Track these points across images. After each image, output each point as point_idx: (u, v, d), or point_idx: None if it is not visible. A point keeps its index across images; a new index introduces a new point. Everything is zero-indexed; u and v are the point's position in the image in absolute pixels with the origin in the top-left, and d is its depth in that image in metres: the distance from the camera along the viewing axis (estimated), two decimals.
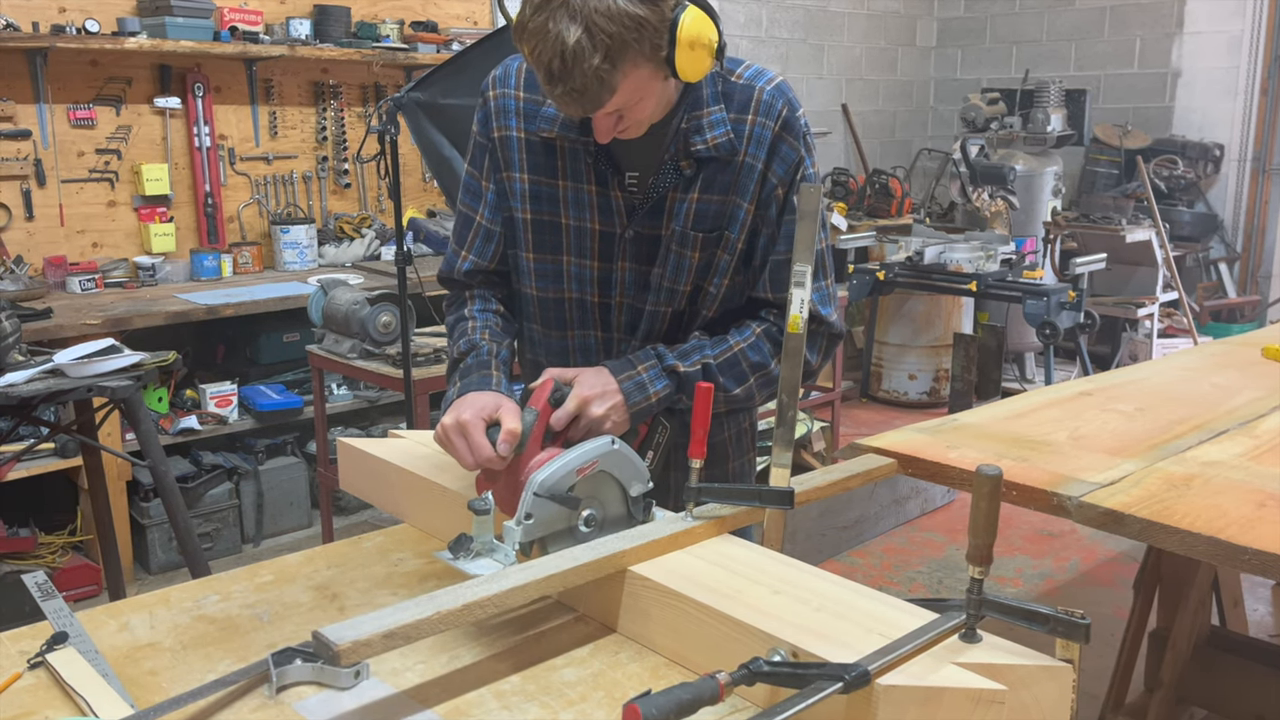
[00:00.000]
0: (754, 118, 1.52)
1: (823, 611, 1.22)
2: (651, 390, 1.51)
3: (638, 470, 1.43)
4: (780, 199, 1.55)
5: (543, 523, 1.35)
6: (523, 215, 1.58)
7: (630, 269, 1.57)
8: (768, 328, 1.60)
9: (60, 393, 2.65)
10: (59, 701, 1.19)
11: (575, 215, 1.56)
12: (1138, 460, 2.21)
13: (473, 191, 1.64)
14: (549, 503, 1.34)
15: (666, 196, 1.54)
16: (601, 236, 1.56)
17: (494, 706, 1.18)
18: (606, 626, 1.36)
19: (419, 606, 1.16)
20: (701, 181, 1.52)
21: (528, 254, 1.61)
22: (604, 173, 1.54)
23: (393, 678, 1.24)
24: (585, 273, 1.58)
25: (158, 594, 1.49)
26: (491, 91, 1.60)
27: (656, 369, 1.52)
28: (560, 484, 1.35)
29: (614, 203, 1.54)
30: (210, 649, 1.31)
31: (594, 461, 1.38)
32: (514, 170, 1.58)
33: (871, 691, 1.05)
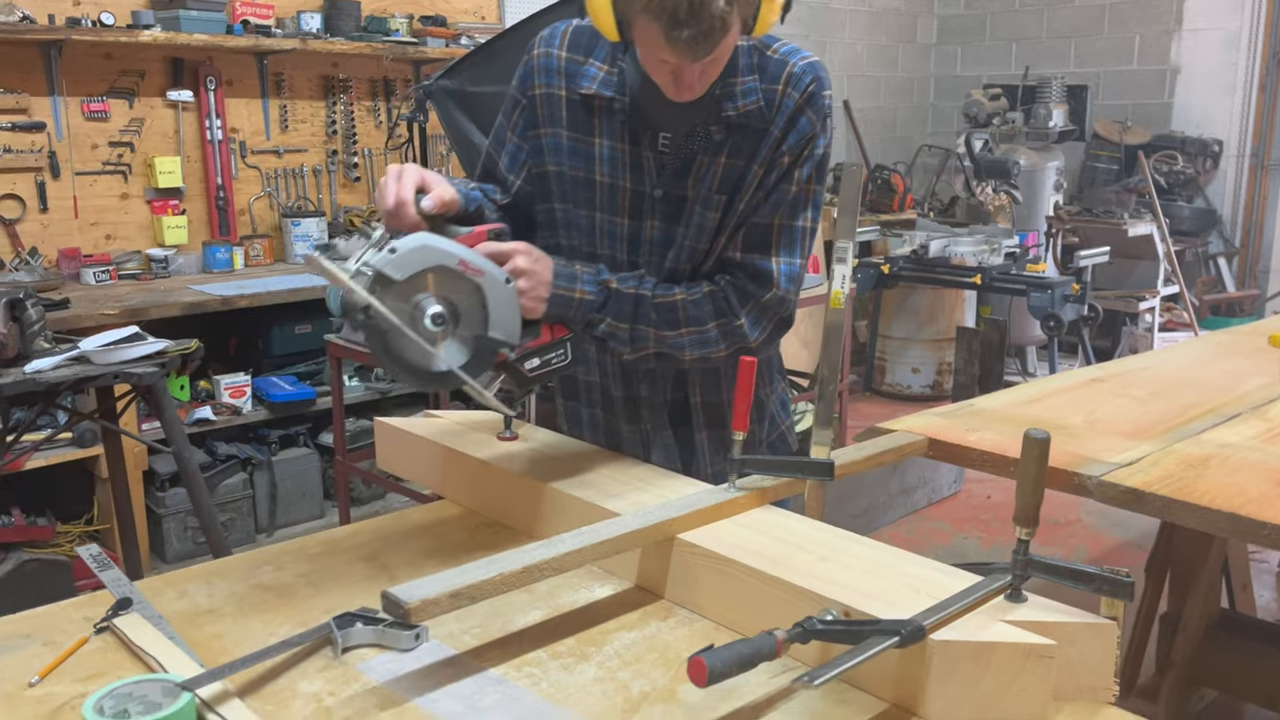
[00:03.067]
0: (784, 89, 1.55)
1: (870, 575, 1.26)
2: (578, 287, 1.52)
3: (509, 325, 1.39)
4: (784, 167, 1.57)
5: (401, 267, 1.29)
6: (558, 170, 1.62)
7: (658, 227, 1.60)
8: (715, 291, 1.59)
9: (87, 379, 2.68)
10: (127, 663, 1.22)
11: (609, 172, 1.59)
12: (1154, 442, 2.25)
13: (499, 139, 1.69)
14: (414, 258, 1.30)
15: (695, 159, 1.57)
16: (632, 194, 1.59)
17: (552, 666, 1.22)
18: (654, 594, 1.39)
19: (482, 569, 1.20)
20: (730, 146, 1.56)
21: (564, 207, 1.64)
22: (638, 132, 1.58)
23: (450, 640, 1.27)
24: (616, 229, 1.62)
25: (211, 564, 1.52)
26: (536, 50, 1.63)
27: (593, 278, 1.54)
28: (442, 255, 1.32)
29: (645, 162, 1.57)
30: (269, 615, 1.34)
31: (481, 271, 1.35)
32: (554, 126, 1.61)
33: (925, 647, 1.09)
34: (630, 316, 1.55)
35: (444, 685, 1.18)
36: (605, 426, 1.77)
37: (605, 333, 1.56)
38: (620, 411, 1.75)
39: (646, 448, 1.74)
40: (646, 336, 1.57)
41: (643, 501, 1.46)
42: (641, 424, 1.74)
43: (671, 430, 1.72)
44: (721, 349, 1.58)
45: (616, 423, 1.75)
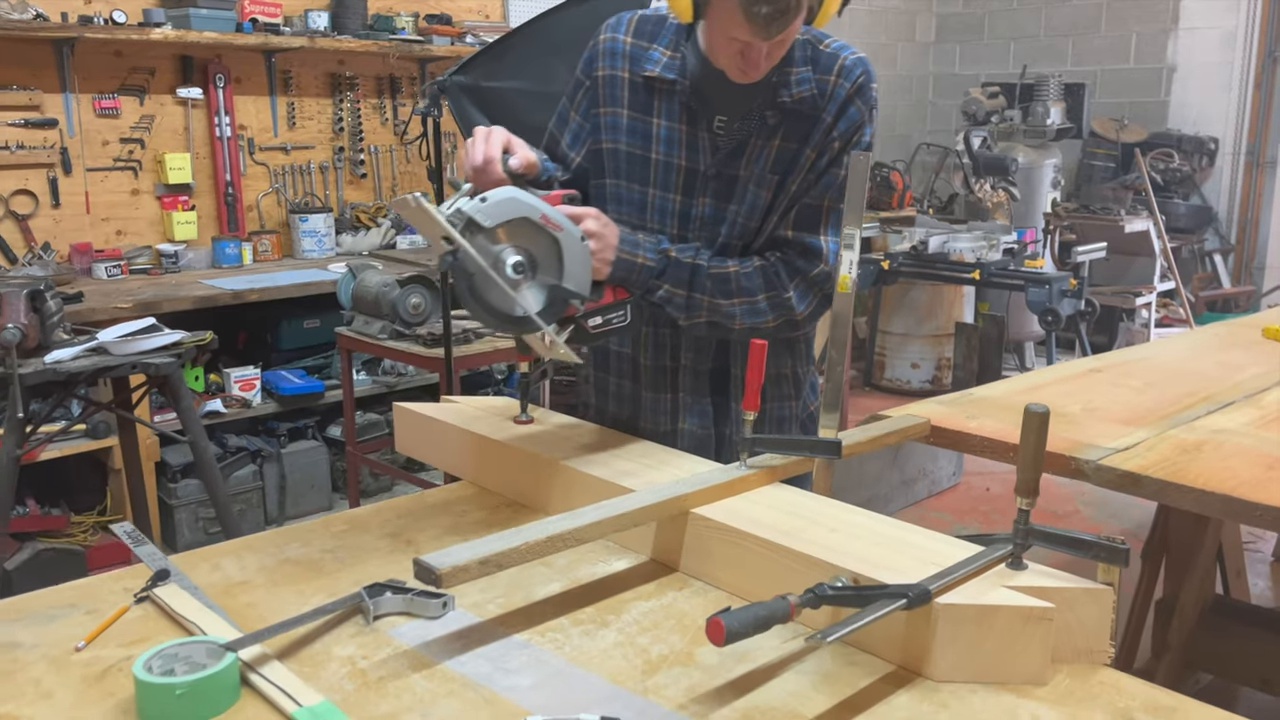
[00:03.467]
0: (836, 79, 1.65)
1: (877, 546, 1.31)
2: (640, 253, 1.62)
3: (582, 279, 1.49)
4: (834, 151, 1.67)
5: (491, 215, 1.39)
6: (617, 147, 1.72)
7: (709, 204, 1.70)
8: (766, 265, 1.70)
9: (106, 369, 2.74)
10: (168, 629, 1.28)
11: (665, 151, 1.69)
12: (1150, 429, 2.31)
13: (561, 118, 1.80)
14: (502, 208, 1.40)
15: (749, 141, 1.67)
16: (686, 172, 1.69)
17: (574, 632, 1.28)
18: (669, 567, 1.45)
19: (507, 539, 1.26)
20: (784, 130, 1.66)
21: (622, 183, 1.74)
22: (696, 114, 1.68)
23: (475, 610, 1.33)
24: (668, 205, 1.71)
25: (240, 541, 1.58)
26: (602, 36, 1.75)
27: (653, 246, 1.65)
28: (527, 208, 1.41)
29: (701, 142, 1.67)
30: (300, 586, 1.40)
31: (560, 226, 1.45)
32: (614, 106, 1.72)
33: (930, 610, 1.15)
34: (687, 284, 1.65)
35: (472, 649, 1.24)
36: (631, 396, 1.85)
37: (663, 298, 1.66)
38: (648, 381, 1.82)
39: (675, 415, 1.82)
40: (700, 304, 1.67)
41: (656, 480, 1.51)
42: (676, 393, 1.82)
43: (709, 398, 1.81)
44: (770, 319, 1.69)
45: (642, 392, 1.83)
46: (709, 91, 1.65)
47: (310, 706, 1.09)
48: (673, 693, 1.14)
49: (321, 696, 1.11)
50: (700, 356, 1.79)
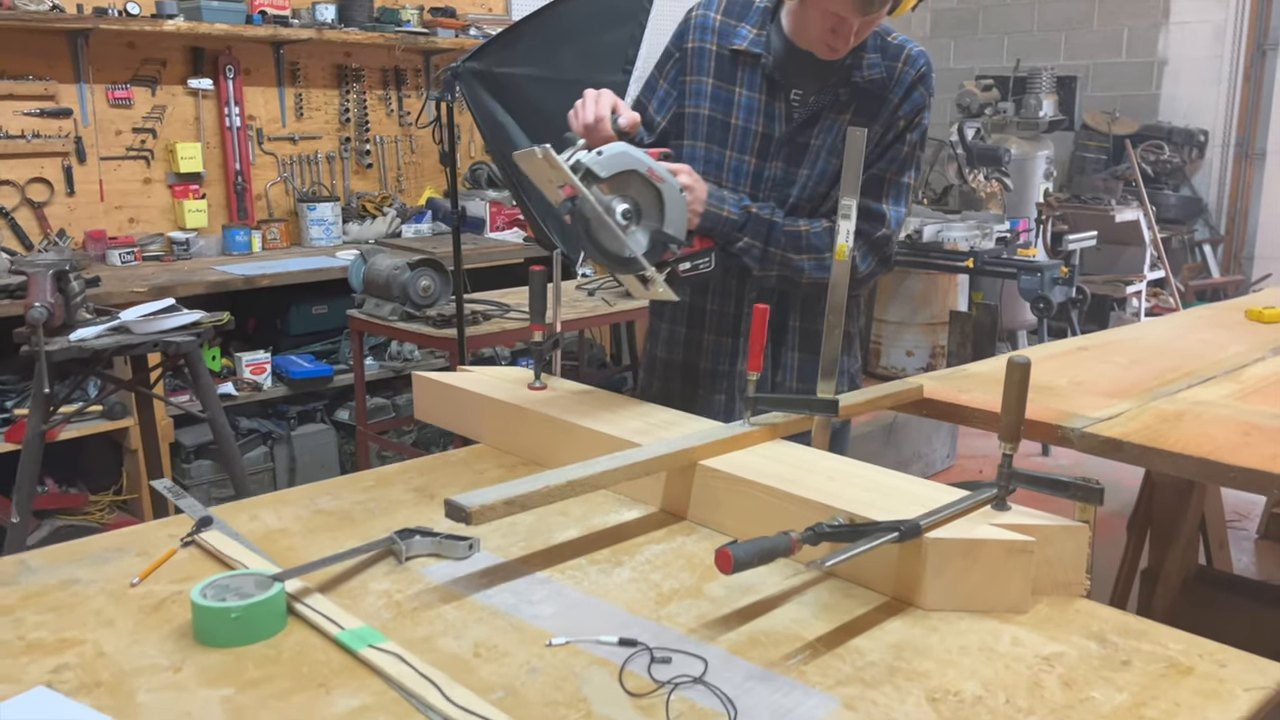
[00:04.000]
0: (902, 66, 1.87)
1: (872, 492, 1.42)
2: (725, 207, 1.83)
3: (679, 226, 1.66)
4: (898, 129, 1.88)
5: (606, 167, 1.55)
6: (702, 111, 1.91)
7: (780, 167, 1.89)
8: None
9: (129, 346, 2.84)
10: (214, 568, 1.38)
11: (744, 117, 1.89)
12: (1133, 401, 2.42)
13: (650, 86, 1.99)
14: (616, 160, 1.56)
15: (822, 113, 1.86)
16: (762, 138, 1.89)
17: (592, 570, 1.38)
18: (678, 516, 1.55)
19: (531, 483, 1.36)
20: (855, 107, 1.86)
21: (700, 144, 1.92)
22: (775, 86, 1.88)
23: (499, 552, 1.43)
24: (743, 167, 1.90)
25: (274, 495, 1.68)
26: (694, 13, 1.95)
27: (736, 202, 1.85)
28: (637, 161, 1.59)
29: (778, 111, 1.87)
30: (334, 533, 1.50)
31: (662, 179, 1.62)
32: (701, 75, 1.91)
33: (921, 544, 1.25)
34: (764, 238, 1.85)
35: (497, 585, 1.34)
36: (686, 340, 2.03)
37: (742, 249, 1.86)
38: (712, 325, 1.99)
39: (733, 358, 1.99)
40: (774, 257, 1.87)
41: (664, 438, 1.62)
42: (736, 337, 1.98)
43: (770, 343, 1.97)
44: None
45: (704, 335, 2.00)
46: (789, 67, 1.86)
47: (352, 629, 1.19)
48: (684, 620, 1.25)
49: (361, 622, 1.21)
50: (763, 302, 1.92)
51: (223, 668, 1.14)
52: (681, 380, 2.06)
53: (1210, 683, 1.11)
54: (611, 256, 1.60)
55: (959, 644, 1.19)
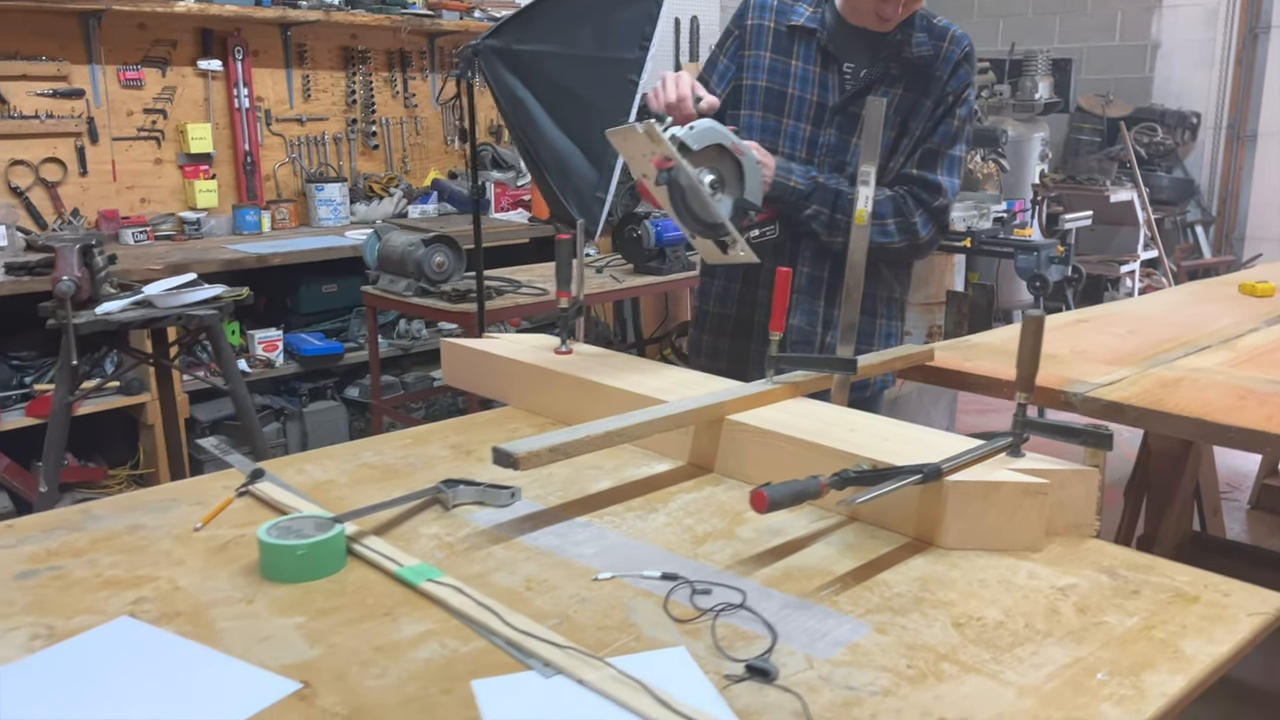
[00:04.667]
0: (947, 45, 2.05)
1: (892, 441, 1.50)
2: (793, 177, 2.00)
3: (756, 194, 1.79)
4: (948, 105, 2.05)
5: (698, 140, 1.71)
6: (759, 83, 2.08)
7: (834, 134, 2.05)
8: (896, 195, 2.06)
9: (153, 320, 2.90)
10: (270, 515, 1.45)
11: (800, 87, 2.06)
12: (1132, 368, 2.51)
13: (712, 63, 2.15)
14: (706, 135, 1.72)
15: (873, 86, 2.02)
16: (817, 106, 2.05)
17: (628, 515, 1.46)
18: (705, 469, 1.63)
19: (572, 433, 1.44)
20: (905, 81, 2.02)
21: (758, 113, 2.08)
22: (829, 58, 2.05)
23: (539, 500, 1.51)
24: (799, 133, 2.06)
25: (318, 451, 1.75)
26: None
27: (804, 173, 2.00)
28: (723, 136, 1.74)
29: (831, 82, 2.05)
30: (380, 484, 1.58)
31: (743, 152, 1.77)
32: (759, 49, 2.08)
33: (942, 487, 1.34)
34: (831, 205, 2.02)
35: (540, 528, 1.42)
36: (740, 295, 2.17)
37: (810, 216, 2.02)
38: (765, 280, 2.10)
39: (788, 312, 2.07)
40: (840, 223, 2.00)
41: (690, 396, 1.69)
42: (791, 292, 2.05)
43: (820, 301, 2.11)
44: (897, 240, 2.05)
45: (758, 290, 2.13)
46: (842, 41, 2.04)
47: (410, 566, 1.27)
48: (720, 558, 1.33)
49: (418, 560, 1.29)
50: (818, 264, 2.08)
51: (292, 600, 1.22)
52: (733, 335, 2.18)
53: (1215, 609, 1.19)
54: (702, 222, 1.72)
55: (979, 577, 1.27)
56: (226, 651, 1.10)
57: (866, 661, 1.08)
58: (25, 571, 1.28)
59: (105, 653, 1.10)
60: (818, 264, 2.12)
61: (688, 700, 0.99)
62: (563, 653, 1.08)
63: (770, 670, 1.05)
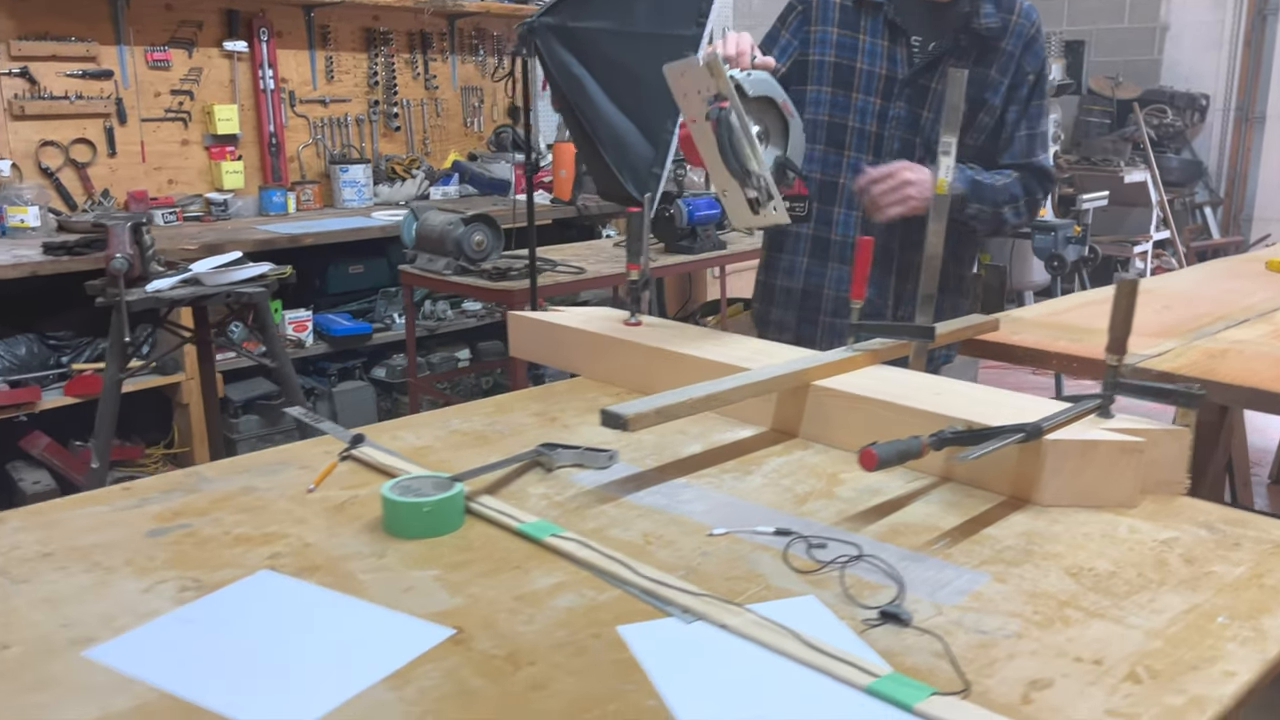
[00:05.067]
0: (1016, 19, 2.07)
1: (980, 405, 1.54)
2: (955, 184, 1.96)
3: (799, 155, 1.80)
4: (1031, 84, 2.09)
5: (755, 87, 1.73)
6: (827, 59, 2.11)
7: (903, 107, 2.08)
8: (1020, 178, 2.11)
9: (203, 297, 2.92)
10: (374, 478, 1.48)
11: (869, 61, 2.09)
12: (1177, 340, 2.56)
13: (772, 38, 2.17)
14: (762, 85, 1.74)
15: (942, 58, 2.04)
16: (885, 80, 2.08)
17: (726, 478, 1.50)
18: (789, 434, 1.67)
19: (675, 395, 1.47)
20: (975, 54, 2.04)
21: (826, 88, 2.11)
22: (896, 31, 2.07)
23: (635, 464, 1.55)
24: (868, 106, 2.10)
25: (405, 420, 1.79)
26: None
27: (960, 173, 2.00)
28: (777, 91, 1.76)
29: (899, 55, 2.08)
30: (476, 449, 1.61)
31: (793, 113, 1.78)
32: (826, 25, 2.11)
33: (1040, 445, 1.38)
34: (991, 202, 2.09)
35: (645, 489, 1.45)
36: (808, 269, 2.21)
37: (971, 215, 2.08)
38: (835, 254, 2.16)
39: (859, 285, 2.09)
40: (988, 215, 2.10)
41: (768, 364, 1.73)
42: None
43: (894, 277, 2.15)
44: (1024, 219, 2.15)
45: (828, 265, 2.18)
46: (908, 14, 2.07)
47: (530, 522, 1.31)
48: (825, 515, 1.37)
49: (536, 517, 1.33)
50: (889, 237, 2.10)
51: (422, 555, 1.25)
52: (800, 308, 2.22)
53: None
54: (743, 167, 1.70)
55: (1081, 532, 1.31)
56: (373, 602, 1.14)
57: (992, 608, 1.12)
58: (156, 529, 1.32)
59: (258, 603, 1.14)
60: (888, 238, 2.13)
61: (831, 643, 1.03)
62: (699, 600, 1.12)
63: (903, 615, 1.09)
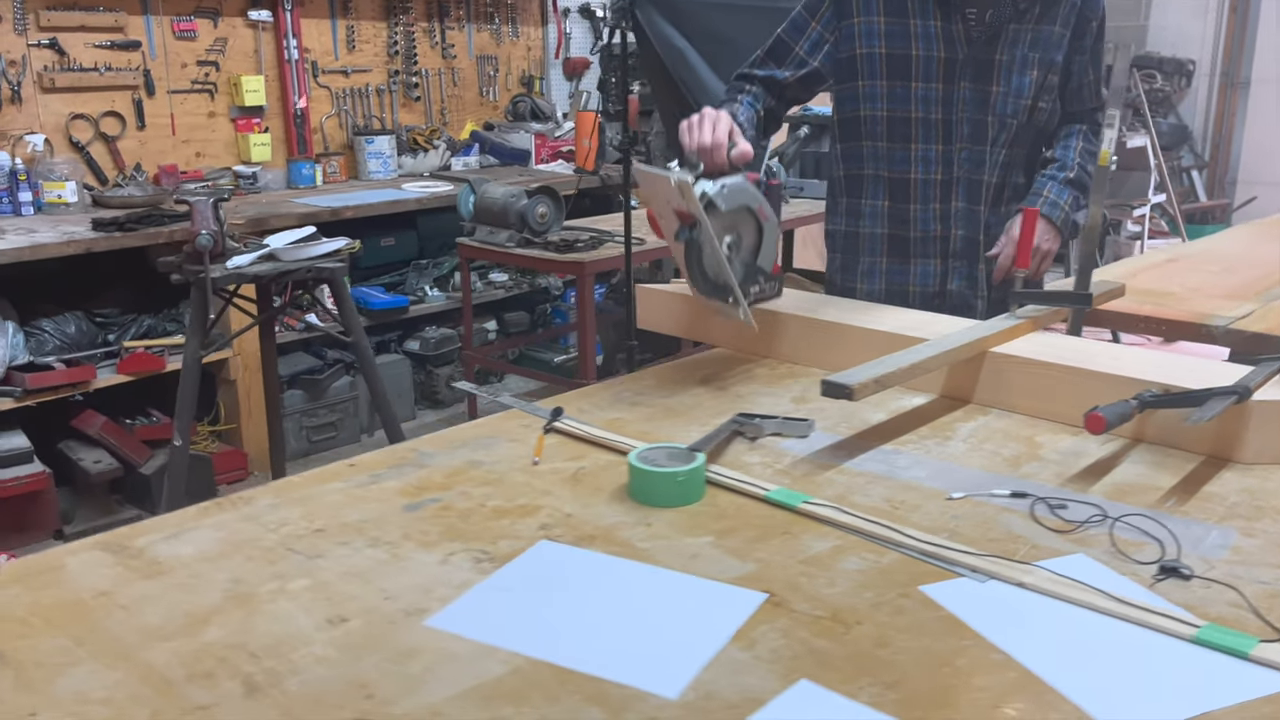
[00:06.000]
0: None
1: (1162, 366, 1.60)
2: (1062, 203, 2.04)
3: (770, 258, 1.76)
4: (1094, 31, 2.05)
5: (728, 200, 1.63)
6: (878, 51, 1.98)
7: (969, 88, 1.97)
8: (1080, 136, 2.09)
9: (285, 273, 2.91)
10: (586, 448, 1.51)
11: (924, 46, 1.95)
12: (1252, 302, 2.67)
13: (798, 27, 2.04)
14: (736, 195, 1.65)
15: (1003, 27, 1.94)
16: (945, 62, 1.96)
17: (927, 444, 1.55)
18: (961, 401, 1.72)
19: (886, 365, 1.52)
20: (1035, 13, 1.95)
21: (881, 81, 1.99)
22: (948, 7, 1.95)
23: (830, 432, 1.59)
24: (930, 93, 1.98)
25: (578, 392, 1.81)
26: None
27: (1057, 186, 2.01)
28: (753, 198, 1.67)
29: (956, 33, 1.95)
30: (667, 421, 1.64)
31: (768, 217, 1.72)
32: (869, 15, 1.97)
33: (1246, 405, 1.44)
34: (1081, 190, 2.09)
35: (856, 455, 1.50)
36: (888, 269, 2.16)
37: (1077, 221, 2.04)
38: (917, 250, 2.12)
39: (944, 278, 2.12)
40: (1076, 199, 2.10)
41: (934, 332, 1.78)
42: (946, 258, 2.10)
43: (977, 264, 2.10)
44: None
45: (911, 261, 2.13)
46: None
47: (775, 490, 1.35)
48: (1045, 478, 1.42)
49: (781, 485, 1.37)
50: (974, 228, 2.07)
51: (687, 523, 1.29)
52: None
53: None
54: (709, 283, 1.69)
55: None
56: (667, 569, 1.17)
57: (1258, 560, 1.19)
58: (410, 504, 1.34)
59: (559, 571, 1.17)
60: (973, 230, 2.08)
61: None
62: (983, 560, 1.17)
63: (1183, 569, 1.15)
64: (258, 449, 3.96)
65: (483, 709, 0.93)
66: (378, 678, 0.98)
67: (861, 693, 0.95)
